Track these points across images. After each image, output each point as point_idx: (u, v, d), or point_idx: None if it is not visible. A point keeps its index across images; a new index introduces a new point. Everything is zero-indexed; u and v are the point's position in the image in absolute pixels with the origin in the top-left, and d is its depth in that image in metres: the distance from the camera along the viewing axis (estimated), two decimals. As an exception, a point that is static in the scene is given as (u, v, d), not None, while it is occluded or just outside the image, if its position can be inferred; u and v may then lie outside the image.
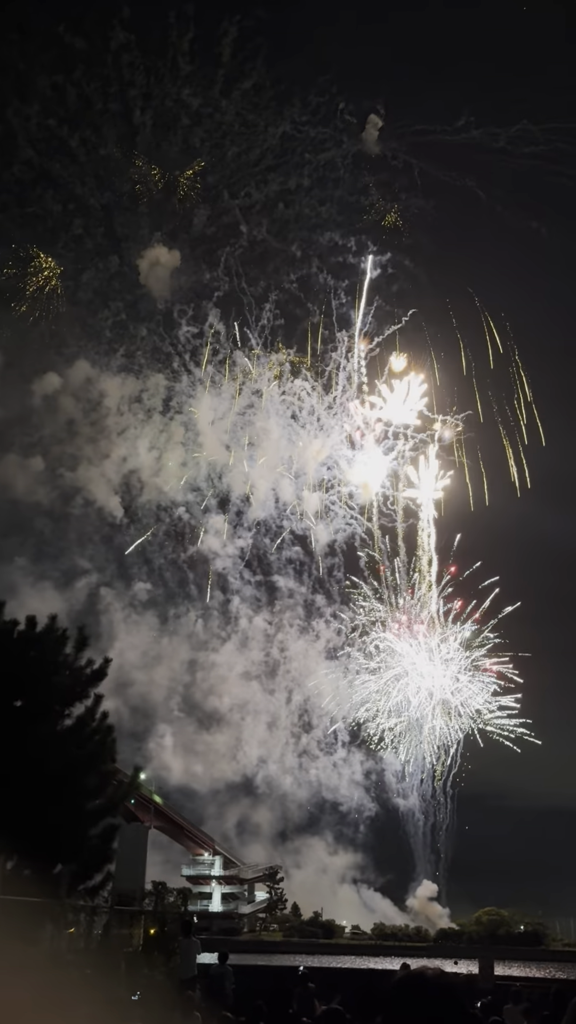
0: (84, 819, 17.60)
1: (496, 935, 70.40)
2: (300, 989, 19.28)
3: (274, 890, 77.00)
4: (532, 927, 73.02)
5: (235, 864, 77.83)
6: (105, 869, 18.39)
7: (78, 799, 17.51)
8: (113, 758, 18.74)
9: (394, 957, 54.83)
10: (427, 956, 56.37)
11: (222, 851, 77.40)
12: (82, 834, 17.49)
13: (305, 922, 73.83)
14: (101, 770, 18.39)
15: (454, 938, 69.89)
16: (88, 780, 17.89)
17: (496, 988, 24.50)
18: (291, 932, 72.58)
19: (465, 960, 43.69)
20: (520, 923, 73.92)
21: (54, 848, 16.38)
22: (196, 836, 76.96)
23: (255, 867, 78.56)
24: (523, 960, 57.73)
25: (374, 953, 61.84)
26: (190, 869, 76.54)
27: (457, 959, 46.08)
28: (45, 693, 17.40)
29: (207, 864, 76.86)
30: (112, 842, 18.33)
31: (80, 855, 17.38)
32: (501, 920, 74.18)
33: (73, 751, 17.36)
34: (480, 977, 27.86)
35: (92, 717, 18.05)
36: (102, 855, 18.13)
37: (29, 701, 17.30)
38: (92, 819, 17.87)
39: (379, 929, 74.45)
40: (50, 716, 17.54)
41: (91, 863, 17.88)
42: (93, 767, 18.04)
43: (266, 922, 76.08)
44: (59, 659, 17.96)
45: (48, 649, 17.86)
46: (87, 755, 17.73)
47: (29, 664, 17.48)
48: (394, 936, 72.40)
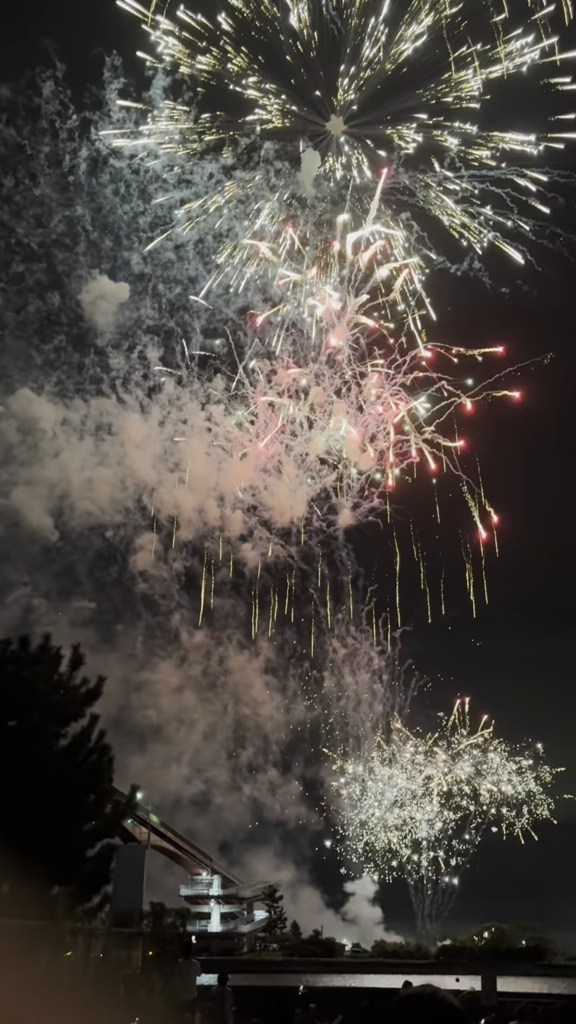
0: (81, 840, 17.47)
1: (497, 950, 69.82)
2: (301, 1009, 19.12)
3: (273, 909, 76.40)
4: (534, 942, 72.46)
5: (234, 883, 77.22)
6: (103, 891, 18.25)
7: (75, 820, 17.38)
8: (110, 778, 18.62)
9: (395, 975, 54.33)
10: (428, 973, 55.93)
11: (220, 870, 76.80)
12: (79, 855, 17.35)
13: (305, 941, 73.15)
14: (98, 790, 18.27)
15: (455, 954, 69.28)
16: (85, 801, 17.78)
17: (500, 1005, 24.31)
18: (291, 951, 71.88)
19: (467, 976, 43.30)
20: (521, 938, 73.40)
21: (51, 870, 16.23)
22: (194, 855, 76.33)
23: (254, 885, 78.01)
24: (526, 976, 57.27)
25: (375, 971, 61.28)
26: (188, 889, 75.80)
27: (459, 976, 45.68)
28: (40, 713, 17.31)
29: (205, 884, 76.16)
30: (110, 863, 18.19)
31: (77, 876, 17.25)
32: (502, 935, 73.66)
33: (69, 771, 17.25)
34: (483, 994, 27.64)
35: (88, 737, 17.95)
36: (100, 876, 17.99)
37: (24, 722, 17.21)
38: (89, 840, 17.73)
39: (380, 947, 73.86)
40: (46, 736, 17.44)
41: (88, 885, 17.74)
42: (90, 787, 17.93)
43: (266, 941, 75.38)
44: (54, 679, 17.88)
45: (42, 669, 17.79)
46: (83, 775, 17.63)
47: (23, 684, 17.39)
48: (395, 954, 71.77)
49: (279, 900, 76.81)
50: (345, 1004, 24.27)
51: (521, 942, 73.00)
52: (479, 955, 66.04)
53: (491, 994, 27.81)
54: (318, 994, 28.18)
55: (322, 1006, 22.65)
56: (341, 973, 62.27)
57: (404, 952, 72.33)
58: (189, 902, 73.51)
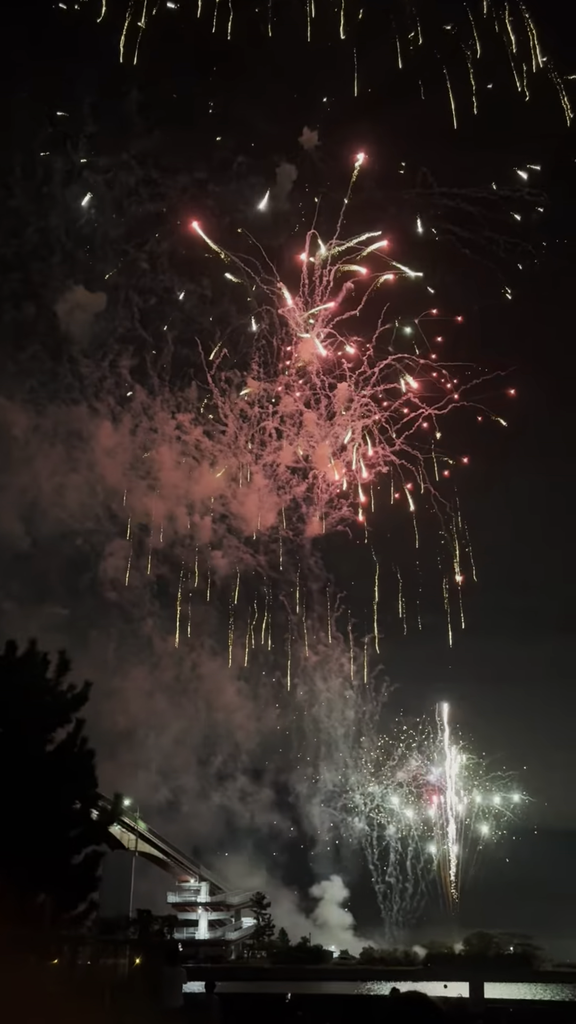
0: (67, 846, 17.33)
1: (485, 957, 69.78)
2: (288, 1017, 19.04)
3: (261, 916, 76.08)
4: (521, 948, 72.47)
5: (221, 890, 76.85)
6: (89, 898, 18.09)
7: (61, 826, 17.26)
8: (95, 784, 18.49)
9: (383, 982, 54.25)
10: (416, 980, 55.83)
11: (208, 877, 76.43)
12: (65, 862, 17.21)
13: (293, 948, 72.90)
14: (84, 796, 18.15)
15: (443, 961, 69.17)
16: (71, 807, 17.65)
17: (487, 1011, 24.31)
18: (278, 958, 71.62)
19: (455, 983, 43.25)
20: (509, 944, 73.39)
21: (37, 876, 16.10)
22: (182, 862, 75.94)
23: (242, 892, 77.67)
24: (513, 982, 57.26)
25: (363, 978, 61.15)
26: (176, 896, 75.36)
27: (447, 982, 45.61)
28: (27, 719, 17.18)
29: (193, 891, 75.75)
30: (96, 870, 18.04)
31: (64, 883, 17.10)
32: (490, 942, 73.64)
33: (55, 777, 17.12)
34: (471, 1000, 27.65)
35: (74, 743, 17.83)
36: (86, 883, 17.84)
37: (11, 727, 17.08)
38: (75, 846, 17.59)
39: (367, 954, 73.69)
40: (32, 742, 17.31)
41: (75, 891, 17.59)
42: (76, 793, 17.81)
43: (253, 948, 75.04)
44: (40, 684, 17.76)
45: (29, 674, 17.66)
46: (70, 781, 17.50)
47: (10, 689, 17.27)
48: (382, 960, 71.61)
49: (267, 907, 76.47)
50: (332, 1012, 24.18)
51: (509, 949, 72.99)
52: (467, 962, 65.92)
53: (479, 1001, 27.82)
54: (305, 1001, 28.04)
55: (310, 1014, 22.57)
56: (328, 980, 62.07)
57: (392, 959, 72.16)
58: (177, 909, 73.05)
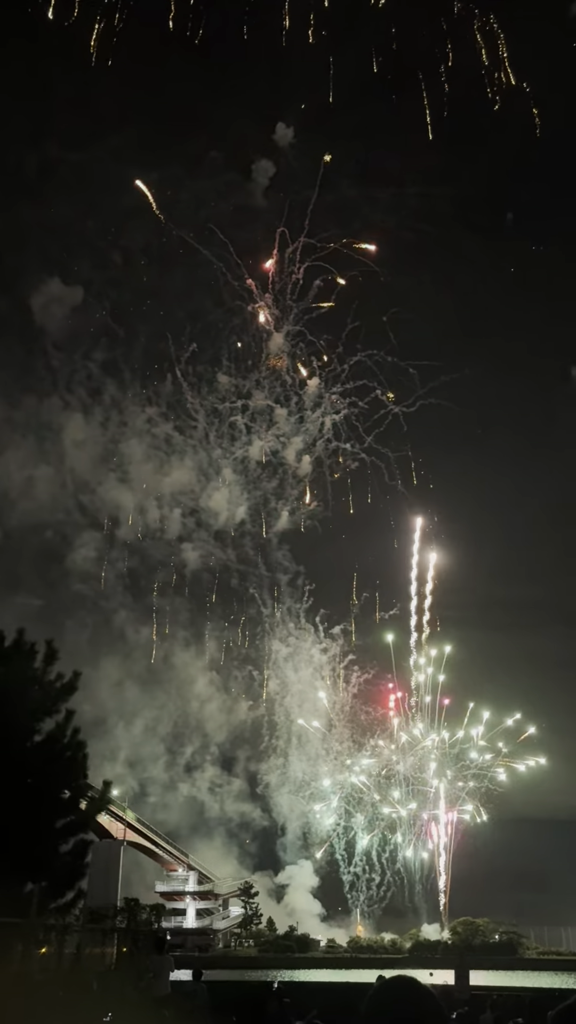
0: (55, 836, 17.34)
1: (471, 945, 70.39)
2: (275, 1004, 19.14)
3: (249, 905, 76.46)
4: (507, 936, 73.16)
5: (210, 879, 77.17)
6: (77, 886, 18.12)
7: (49, 815, 17.25)
8: (84, 774, 18.50)
9: (369, 969, 54.47)
10: (403, 968, 56.17)
11: (196, 866, 76.71)
12: (53, 851, 17.22)
13: (280, 936, 73.36)
14: (72, 786, 18.14)
15: (429, 949, 69.73)
16: (59, 796, 17.64)
17: (472, 998, 24.50)
18: (266, 947, 72.07)
19: (441, 970, 43.53)
20: (495, 932, 74.05)
21: (24, 865, 16.10)
22: (170, 851, 76.20)
23: (230, 882, 78.02)
24: (499, 969, 57.73)
25: (349, 966, 61.56)
26: (164, 885, 75.71)
27: (433, 970, 45.91)
28: (15, 709, 17.13)
29: (181, 880, 76.10)
30: (84, 859, 18.07)
31: (51, 872, 17.11)
32: (476, 930, 74.30)
33: (44, 766, 17.11)
34: (456, 988, 27.84)
35: (63, 732, 17.81)
36: (74, 872, 17.87)
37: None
38: (63, 835, 17.61)
39: (354, 942, 74.29)
40: (21, 732, 17.28)
41: (63, 881, 17.61)
42: (65, 783, 17.80)
43: (241, 937, 75.46)
44: (28, 674, 17.71)
45: (17, 664, 17.61)
46: (58, 771, 17.49)
47: (-2, 679, 17.22)
48: (369, 949, 72.22)
49: (255, 896, 76.85)
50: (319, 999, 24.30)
51: (495, 937, 73.65)
52: (453, 949, 66.44)
53: (464, 988, 28.03)
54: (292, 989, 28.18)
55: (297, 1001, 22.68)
56: (316, 968, 62.45)
57: (379, 947, 72.72)
58: (165, 898, 73.35)
